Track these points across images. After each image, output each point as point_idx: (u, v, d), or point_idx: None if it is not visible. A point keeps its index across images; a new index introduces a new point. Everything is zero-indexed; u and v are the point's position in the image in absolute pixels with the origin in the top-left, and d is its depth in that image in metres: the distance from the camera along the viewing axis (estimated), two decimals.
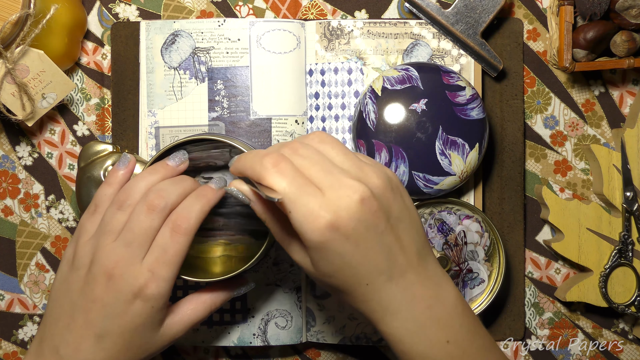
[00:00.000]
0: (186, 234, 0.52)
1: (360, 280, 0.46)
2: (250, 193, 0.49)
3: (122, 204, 0.53)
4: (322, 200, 0.45)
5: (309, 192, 0.45)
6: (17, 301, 0.69)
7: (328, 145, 0.48)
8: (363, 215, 0.45)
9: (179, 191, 0.53)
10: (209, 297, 0.57)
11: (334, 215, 0.44)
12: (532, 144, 0.68)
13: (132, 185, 0.54)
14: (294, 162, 0.46)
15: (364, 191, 0.45)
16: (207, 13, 0.68)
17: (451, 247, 0.64)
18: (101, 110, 0.68)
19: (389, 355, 0.68)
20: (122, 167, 0.57)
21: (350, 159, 0.48)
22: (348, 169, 0.47)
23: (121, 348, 0.52)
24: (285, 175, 0.45)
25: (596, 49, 0.64)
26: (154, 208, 0.52)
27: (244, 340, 0.65)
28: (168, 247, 0.51)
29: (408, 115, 0.61)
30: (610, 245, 0.66)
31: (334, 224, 0.44)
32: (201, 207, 0.53)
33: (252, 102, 0.64)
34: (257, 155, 0.47)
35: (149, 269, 0.51)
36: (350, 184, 0.45)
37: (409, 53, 0.65)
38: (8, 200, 0.68)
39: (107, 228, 0.52)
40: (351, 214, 0.44)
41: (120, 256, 0.51)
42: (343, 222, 0.44)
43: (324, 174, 0.46)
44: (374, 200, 0.45)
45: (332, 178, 0.46)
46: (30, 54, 0.61)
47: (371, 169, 0.47)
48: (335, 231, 0.44)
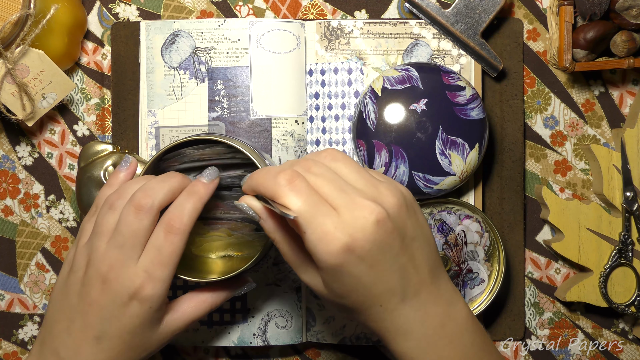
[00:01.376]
0: (180, 233, 0.51)
1: (373, 301, 0.46)
2: (261, 210, 0.48)
3: (113, 205, 0.53)
4: (338, 221, 0.44)
5: (324, 212, 0.44)
6: (17, 301, 0.69)
7: (341, 162, 0.47)
8: (378, 236, 0.44)
9: (166, 188, 0.52)
10: (210, 296, 0.57)
11: (350, 238, 0.44)
12: (532, 144, 0.68)
13: (125, 187, 0.54)
14: (308, 180, 0.46)
15: (380, 212, 0.44)
16: (207, 13, 0.68)
17: (451, 247, 0.64)
18: (101, 110, 0.68)
19: (389, 355, 0.68)
20: (124, 168, 0.57)
21: (364, 177, 0.47)
22: (362, 188, 0.46)
23: (121, 349, 0.52)
24: (301, 193, 0.44)
25: (596, 49, 0.64)
26: (141, 208, 0.51)
27: (244, 340, 0.66)
28: (162, 247, 0.51)
29: (408, 115, 0.61)
30: (610, 245, 0.66)
31: (349, 246, 0.44)
32: (193, 205, 0.52)
33: (252, 102, 0.64)
34: (271, 172, 0.46)
35: (145, 270, 0.51)
36: (365, 205, 0.44)
37: (409, 53, 0.65)
38: (8, 200, 0.68)
39: (99, 229, 0.52)
40: (367, 235, 0.44)
41: (114, 259, 0.51)
42: (359, 244, 0.44)
43: (339, 193, 0.45)
44: (389, 221, 0.45)
45: (347, 197, 0.45)
46: (30, 54, 0.61)
47: (386, 188, 0.46)
48: (350, 253, 0.44)
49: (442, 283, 0.48)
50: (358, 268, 0.44)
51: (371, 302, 0.46)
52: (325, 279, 0.46)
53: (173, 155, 0.59)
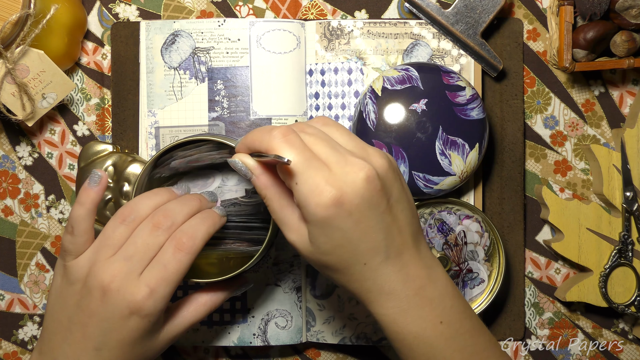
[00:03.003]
0: (190, 252, 0.51)
1: (358, 258, 0.47)
2: (255, 166, 0.49)
3: (126, 219, 0.52)
4: (329, 174, 0.45)
5: (316, 165, 0.45)
6: (17, 301, 0.69)
7: (332, 127, 0.49)
8: (367, 193, 0.45)
9: (186, 211, 0.53)
10: (209, 297, 0.57)
11: (340, 191, 0.45)
12: (532, 144, 0.68)
13: (137, 202, 0.53)
14: (302, 138, 0.47)
15: (370, 170, 0.46)
16: (207, 13, 0.68)
17: (451, 247, 0.64)
18: (101, 110, 0.68)
19: (389, 355, 0.68)
20: (94, 185, 0.54)
21: (354, 140, 0.49)
22: (352, 149, 0.48)
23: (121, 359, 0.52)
24: (295, 146, 0.46)
25: (596, 49, 0.64)
26: (159, 226, 0.51)
27: (244, 340, 0.66)
28: (169, 264, 0.51)
29: (408, 115, 0.61)
30: (610, 245, 0.66)
31: (338, 200, 0.45)
32: (207, 229, 0.53)
33: (252, 102, 0.64)
34: (266, 128, 0.48)
35: (147, 284, 0.50)
36: (356, 162, 0.46)
37: (409, 53, 0.65)
38: (8, 200, 0.68)
39: (107, 242, 0.52)
40: (356, 190, 0.45)
41: (118, 270, 0.50)
42: (348, 198, 0.45)
43: (331, 150, 0.47)
44: (378, 179, 0.46)
45: (338, 155, 0.46)
46: (30, 54, 0.61)
47: (374, 150, 0.48)
48: (339, 207, 0.45)
49: (423, 248, 0.50)
50: (346, 222, 0.45)
51: (355, 259, 0.47)
52: (312, 233, 0.47)
53: (172, 156, 0.59)
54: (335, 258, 0.47)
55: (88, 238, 0.53)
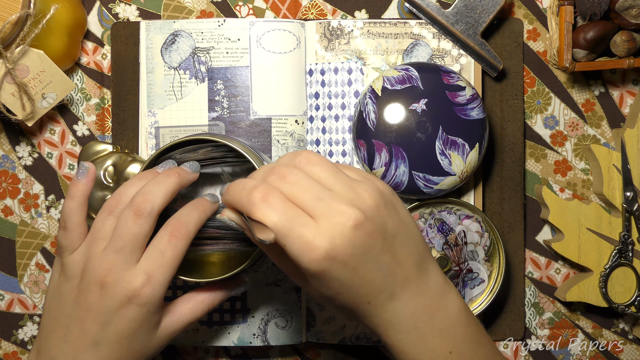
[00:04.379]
0: (184, 238, 0.52)
1: (361, 300, 0.46)
2: (243, 222, 0.48)
3: (112, 210, 0.53)
4: (317, 230, 0.44)
5: (302, 223, 0.44)
6: (17, 301, 0.69)
7: (317, 167, 0.47)
8: (358, 240, 0.44)
9: (164, 190, 0.53)
10: (207, 296, 0.57)
11: (330, 244, 0.44)
12: (532, 144, 0.68)
13: (121, 192, 0.54)
14: (283, 190, 0.45)
15: (358, 216, 0.44)
16: (207, 13, 0.68)
17: (451, 247, 0.64)
18: (101, 110, 0.68)
19: (389, 355, 0.68)
20: (82, 177, 0.55)
21: (341, 179, 0.47)
22: (339, 191, 0.46)
23: (119, 355, 0.52)
24: (276, 208, 0.44)
25: (596, 49, 0.64)
26: (141, 213, 0.51)
27: (244, 340, 0.65)
28: (166, 250, 0.51)
29: (408, 115, 0.61)
30: (610, 245, 0.66)
31: (330, 253, 0.44)
32: (199, 215, 0.53)
33: (252, 102, 0.64)
34: (245, 188, 0.46)
35: (144, 271, 0.51)
36: (342, 210, 0.44)
37: (409, 53, 0.65)
38: (8, 200, 0.68)
39: (98, 235, 0.52)
40: (346, 240, 0.44)
41: (112, 263, 0.51)
42: (339, 250, 0.44)
43: (315, 201, 0.45)
44: (368, 223, 0.45)
45: (324, 205, 0.45)
46: (30, 54, 0.61)
47: (363, 189, 0.46)
48: (332, 260, 0.44)
49: (431, 276, 0.49)
50: (342, 272, 0.45)
51: (359, 301, 0.47)
52: (312, 284, 0.47)
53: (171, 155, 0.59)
54: (339, 302, 0.47)
55: (81, 232, 0.54)
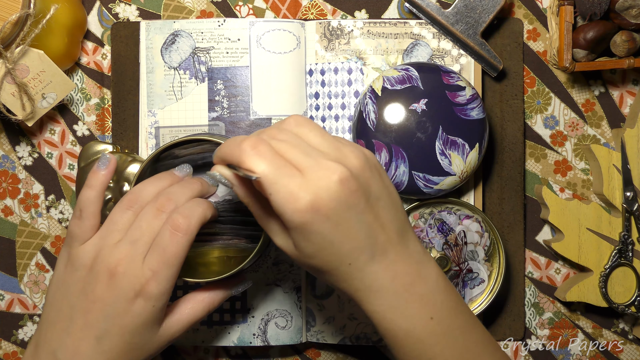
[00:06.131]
0: (187, 233, 0.51)
1: (342, 259, 0.47)
2: (232, 177, 0.49)
3: (132, 205, 0.53)
4: (302, 181, 0.45)
5: (288, 173, 0.45)
6: (17, 301, 0.69)
7: (305, 128, 0.49)
8: (342, 195, 0.45)
9: (188, 194, 0.54)
10: (208, 296, 0.57)
11: (314, 196, 0.45)
12: (532, 144, 0.68)
13: (141, 188, 0.54)
14: (273, 145, 0.47)
15: (343, 172, 0.45)
16: (207, 13, 0.68)
17: (451, 247, 0.64)
18: (101, 110, 0.68)
19: (389, 355, 0.68)
20: (103, 168, 0.55)
21: (328, 140, 0.48)
22: (326, 150, 0.47)
23: (121, 350, 0.52)
24: (264, 157, 0.46)
25: (596, 49, 0.64)
26: (163, 209, 0.52)
27: (244, 340, 0.66)
28: (167, 247, 0.51)
29: (408, 115, 0.61)
30: (610, 245, 0.66)
31: (314, 205, 0.45)
32: (203, 210, 0.53)
33: (252, 102, 0.64)
34: (236, 141, 0.47)
35: (150, 268, 0.51)
36: (329, 165, 0.45)
37: (409, 53, 0.65)
38: (8, 200, 0.68)
39: (114, 227, 0.52)
40: (331, 194, 0.45)
41: (124, 254, 0.51)
42: (323, 203, 0.45)
43: (303, 155, 0.46)
44: (353, 180, 0.46)
45: (311, 160, 0.46)
46: (30, 54, 0.61)
47: (349, 150, 0.48)
48: (315, 212, 0.45)
49: (411, 243, 0.49)
50: (324, 226, 0.45)
51: (340, 261, 0.47)
52: (294, 238, 0.47)
53: (170, 155, 0.59)
54: (320, 261, 0.47)
55: (95, 223, 0.54)
